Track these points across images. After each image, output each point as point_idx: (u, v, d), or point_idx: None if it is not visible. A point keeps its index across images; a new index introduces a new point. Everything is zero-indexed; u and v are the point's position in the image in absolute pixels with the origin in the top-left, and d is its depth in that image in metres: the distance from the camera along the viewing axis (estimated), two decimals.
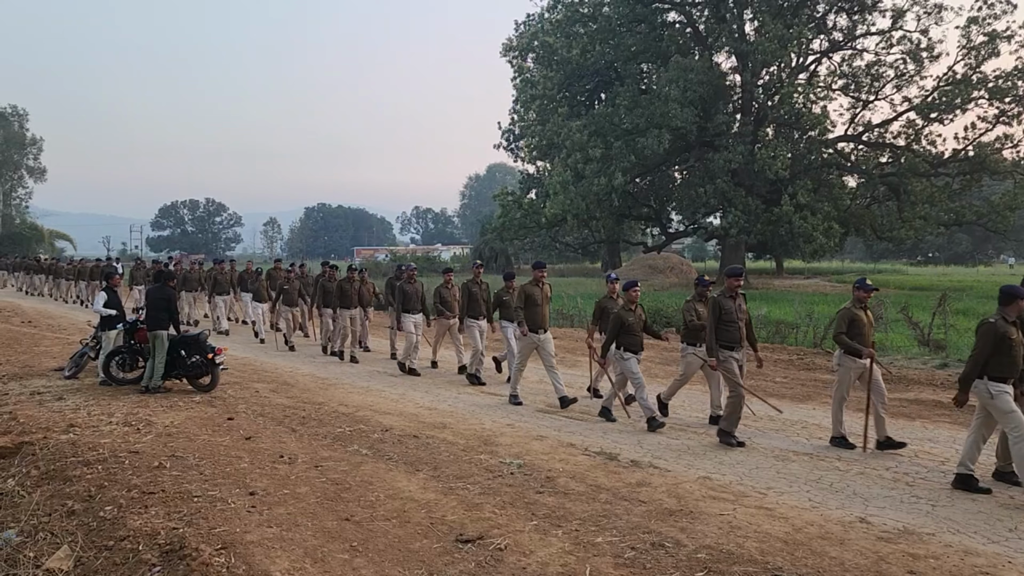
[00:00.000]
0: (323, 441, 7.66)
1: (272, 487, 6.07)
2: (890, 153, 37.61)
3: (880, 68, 36.55)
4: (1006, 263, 74.11)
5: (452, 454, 7.17)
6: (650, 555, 4.74)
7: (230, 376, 11.20)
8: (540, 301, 9.69)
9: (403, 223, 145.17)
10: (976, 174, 35.20)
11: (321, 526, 5.23)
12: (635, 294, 8.80)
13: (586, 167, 36.26)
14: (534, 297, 9.69)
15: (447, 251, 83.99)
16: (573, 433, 8.13)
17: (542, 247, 58.69)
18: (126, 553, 4.82)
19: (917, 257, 78.29)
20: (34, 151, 77.55)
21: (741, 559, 4.69)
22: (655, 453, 7.31)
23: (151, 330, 10.13)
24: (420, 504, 5.71)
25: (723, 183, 35.60)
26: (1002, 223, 35.51)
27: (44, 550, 5.02)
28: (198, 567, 4.45)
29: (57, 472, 6.56)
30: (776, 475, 6.61)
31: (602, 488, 6.14)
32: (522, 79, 44.44)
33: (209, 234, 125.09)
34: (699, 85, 34.31)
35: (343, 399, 9.91)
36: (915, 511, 5.65)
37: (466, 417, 8.91)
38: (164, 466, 6.61)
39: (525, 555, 4.74)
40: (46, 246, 70.57)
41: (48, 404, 9.32)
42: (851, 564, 4.63)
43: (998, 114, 33.82)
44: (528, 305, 9.66)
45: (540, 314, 9.67)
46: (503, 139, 52.33)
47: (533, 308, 9.65)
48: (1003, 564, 4.67)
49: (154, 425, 8.20)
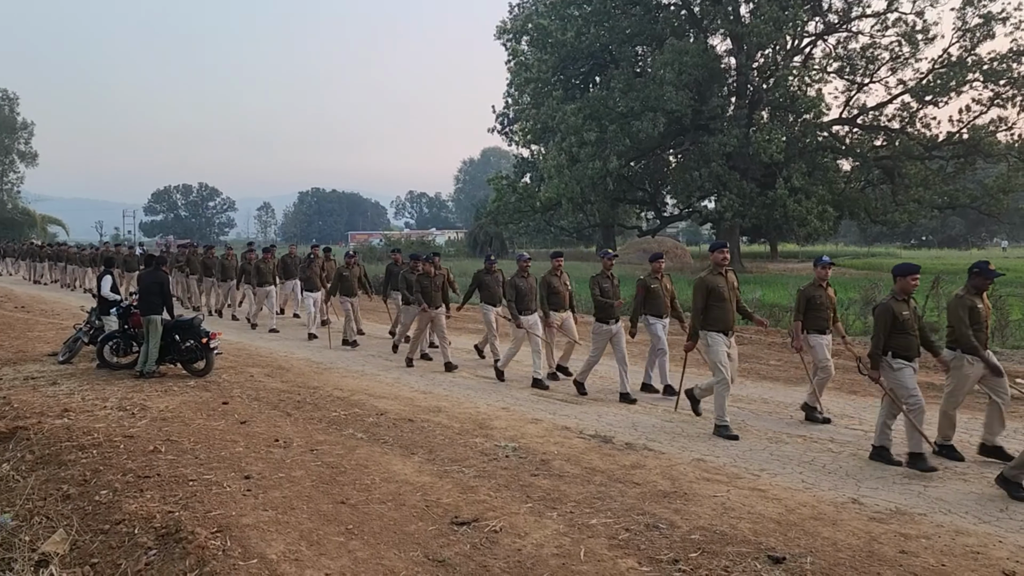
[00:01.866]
0: (318, 425, 7.67)
1: (267, 471, 6.09)
2: (884, 136, 37.59)
3: (875, 50, 36.43)
4: (999, 246, 74.36)
5: (447, 437, 7.18)
6: (644, 536, 4.77)
7: (225, 361, 11.20)
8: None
9: (397, 208, 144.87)
10: (970, 157, 35.20)
11: (316, 509, 5.24)
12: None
13: (581, 151, 36.18)
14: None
15: (442, 236, 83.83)
16: (568, 416, 8.16)
17: (537, 231, 58.69)
18: (122, 537, 4.83)
19: (911, 240, 78.54)
20: (25, 135, 77.04)
21: (735, 540, 4.72)
22: (649, 436, 7.34)
23: (144, 315, 10.11)
24: (415, 487, 5.73)
25: (718, 167, 35.56)
26: (996, 206, 35.56)
27: (40, 534, 5.03)
28: (194, 550, 4.46)
29: (52, 457, 6.56)
30: (769, 457, 6.65)
31: (597, 471, 6.16)
32: (516, 62, 44.16)
33: (202, 219, 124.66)
34: (694, 68, 34.17)
35: (338, 383, 9.92)
36: (907, 492, 5.69)
37: (461, 401, 8.93)
38: (159, 450, 6.62)
39: (520, 537, 4.77)
40: (38, 231, 70.27)
41: (42, 389, 9.31)
42: (843, 544, 4.66)
43: (993, 96, 33.78)
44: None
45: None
46: (497, 123, 52.11)
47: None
48: (994, 543, 4.71)
49: (149, 410, 8.20)
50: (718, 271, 7.64)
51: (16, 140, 76.35)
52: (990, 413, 6.58)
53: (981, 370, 6.47)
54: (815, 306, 7.95)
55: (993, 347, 11.06)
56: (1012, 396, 6.85)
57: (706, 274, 7.64)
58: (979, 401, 7.27)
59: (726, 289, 7.51)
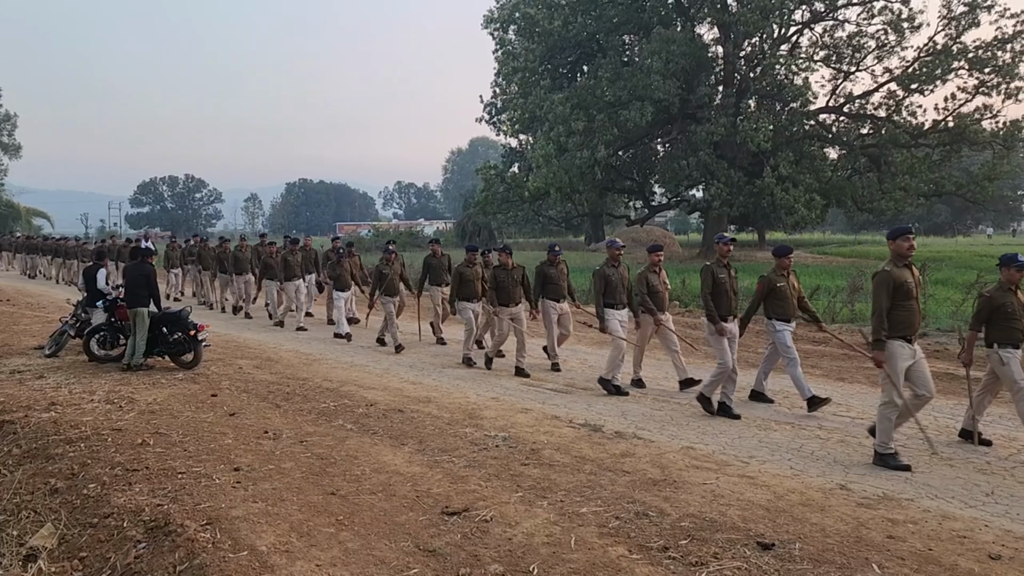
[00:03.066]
0: (308, 416, 7.65)
1: (257, 463, 6.07)
2: (871, 124, 37.67)
3: (861, 39, 36.45)
4: (985, 233, 74.89)
5: (437, 428, 7.18)
6: (634, 524, 4.79)
7: (213, 353, 11.15)
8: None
9: (385, 198, 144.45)
10: (956, 145, 35.32)
11: (307, 501, 5.23)
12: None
13: (569, 140, 36.10)
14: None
15: (430, 226, 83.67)
16: (557, 406, 8.17)
17: (525, 221, 58.56)
18: (111, 530, 4.81)
19: None
20: (8, 127, 76.07)
21: (724, 527, 4.75)
22: (639, 424, 7.37)
23: (131, 307, 10.04)
24: (405, 478, 5.73)
25: (706, 155, 35.57)
26: (981, 193, 35.75)
27: (27, 528, 5.00)
28: (183, 543, 4.45)
29: (39, 450, 6.52)
30: (758, 444, 6.69)
31: (586, 459, 6.18)
32: (504, 51, 43.95)
33: (189, 210, 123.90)
34: (681, 57, 34.12)
35: (327, 374, 9.90)
36: (894, 478, 5.74)
37: (451, 391, 8.92)
38: (147, 443, 6.59)
39: (510, 526, 4.78)
40: (23, 224, 69.63)
41: (29, 382, 9.24)
42: (832, 530, 4.70)
43: (978, 85, 33.89)
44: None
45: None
46: (485, 112, 51.87)
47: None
48: (980, 528, 4.76)
49: (137, 402, 8.15)
50: (903, 263, 6.29)
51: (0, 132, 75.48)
52: None
53: None
54: (1004, 315, 6.53)
55: None
56: None
57: (889, 268, 6.28)
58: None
59: (914, 286, 6.26)
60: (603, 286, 8.98)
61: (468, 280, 11.01)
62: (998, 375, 6.57)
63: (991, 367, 6.65)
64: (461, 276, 11.04)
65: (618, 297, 8.99)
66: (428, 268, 12.65)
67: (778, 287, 8.03)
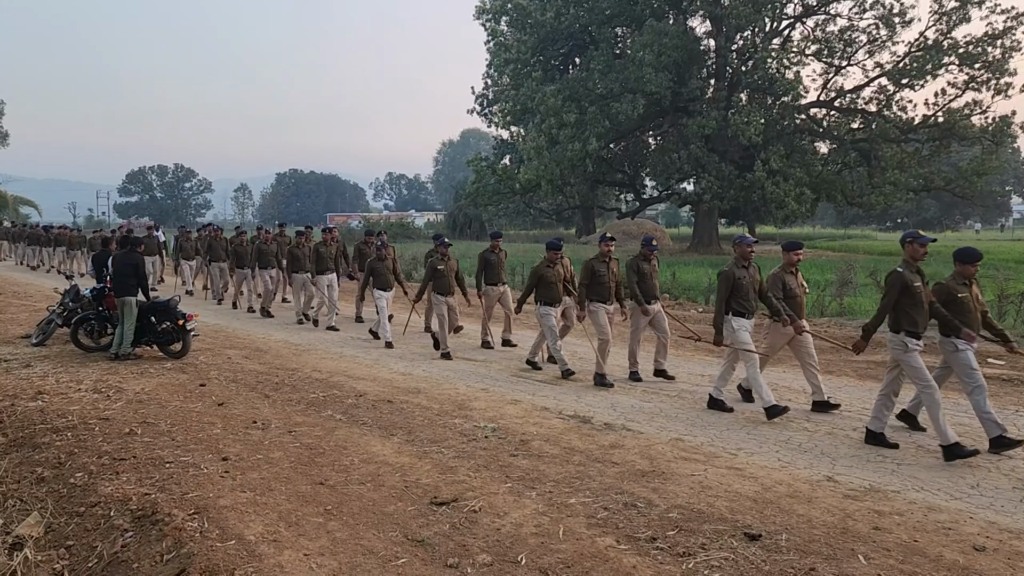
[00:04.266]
0: (296, 407, 7.64)
1: (245, 452, 6.05)
2: (861, 119, 37.80)
3: (853, 33, 36.54)
4: (973, 229, 75.34)
5: (426, 419, 7.18)
6: (623, 515, 4.80)
7: (202, 343, 11.10)
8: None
9: (376, 189, 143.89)
10: (945, 140, 35.51)
11: (295, 490, 5.23)
12: None
13: (560, 132, 36.06)
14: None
15: (421, 217, 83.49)
16: (547, 397, 8.18)
17: (516, 213, 58.57)
18: (97, 519, 4.79)
19: (886, 223, 79.26)
20: None
21: (711, 518, 4.77)
22: (628, 416, 7.38)
23: (119, 296, 9.99)
24: (394, 468, 5.73)
25: (697, 149, 35.62)
26: (970, 189, 35.97)
27: (14, 517, 4.98)
28: (171, 532, 4.44)
29: (25, 439, 6.49)
30: (746, 436, 6.71)
31: (576, 450, 6.19)
32: (496, 43, 43.83)
33: (178, 200, 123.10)
34: (673, 50, 34.11)
35: (316, 365, 9.88)
36: (881, 470, 5.77)
37: (440, 382, 8.92)
38: (135, 432, 6.56)
39: (499, 516, 4.78)
40: (10, 212, 68.99)
41: (15, 371, 9.18)
42: (819, 521, 4.72)
43: (968, 80, 34.04)
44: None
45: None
46: (477, 104, 51.66)
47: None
48: (965, 519, 4.80)
49: (124, 392, 8.12)
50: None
51: None
52: None
53: None
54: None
55: None
56: None
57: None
58: None
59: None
60: (728, 290, 7.69)
61: (550, 283, 9.57)
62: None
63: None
64: (541, 278, 9.63)
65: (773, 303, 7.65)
66: (486, 264, 11.42)
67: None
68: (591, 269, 9.06)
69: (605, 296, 9.11)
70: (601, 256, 9.13)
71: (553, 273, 9.57)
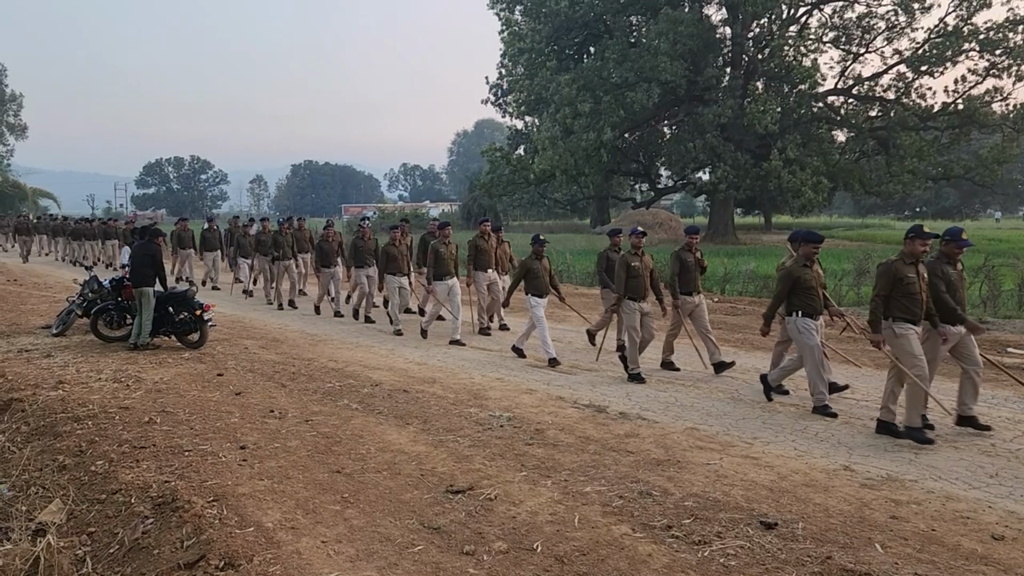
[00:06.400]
0: (313, 396, 7.69)
1: (263, 441, 6.11)
2: (880, 107, 37.47)
3: (871, 20, 36.19)
4: (993, 217, 74.49)
5: (442, 408, 7.21)
6: (638, 503, 4.81)
7: (219, 333, 11.19)
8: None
9: (391, 180, 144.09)
10: (965, 128, 35.12)
11: (312, 478, 5.27)
12: None
13: (575, 122, 35.93)
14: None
15: (435, 208, 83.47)
16: (562, 387, 8.19)
17: (531, 203, 58.43)
18: (118, 506, 4.86)
19: (905, 212, 78.48)
20: (14, 107, 76.01)
21: (727, 506, 4.76)
22: (643, 405, 7.38)
23: (136, 287, 10.08)
24: (410, 456, 5.76)
25: (712, 138, 35.40)
26: (990, 177, 35.59)
27: (36, 504, 5.05)
28: (190, 519, 4.49)
29: (47, 428, 6.57)
30: (762, 425, 6.70)
31: (591, 439, 6.20)
32: (510, 32, 43.63)
33: (195, 192, 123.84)
34: (689, 38, 33.89)
35: (332, 355, 9.93)
36: (898, 459, 5.74)
37: (456, 372, 8.95)
38: (154, 421, 6.63)
39: (515, 504, 4.80)
40: (29, 204, 69.66)
41: (36, 361, 9.30)
42: (835, 510, 4.71)
43: (988, 67, 33.64)
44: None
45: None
46: (491, 94, 51.59)
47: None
48: (983, 509, 4.77)
49: (143, 381, 8.20)
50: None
51: (5, 112, 75.36)
52: None
53: None
54: None
55: (985, 316, 11.15)
56: None
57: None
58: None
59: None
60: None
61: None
62: None
63: None
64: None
65: None
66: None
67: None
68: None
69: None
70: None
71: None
